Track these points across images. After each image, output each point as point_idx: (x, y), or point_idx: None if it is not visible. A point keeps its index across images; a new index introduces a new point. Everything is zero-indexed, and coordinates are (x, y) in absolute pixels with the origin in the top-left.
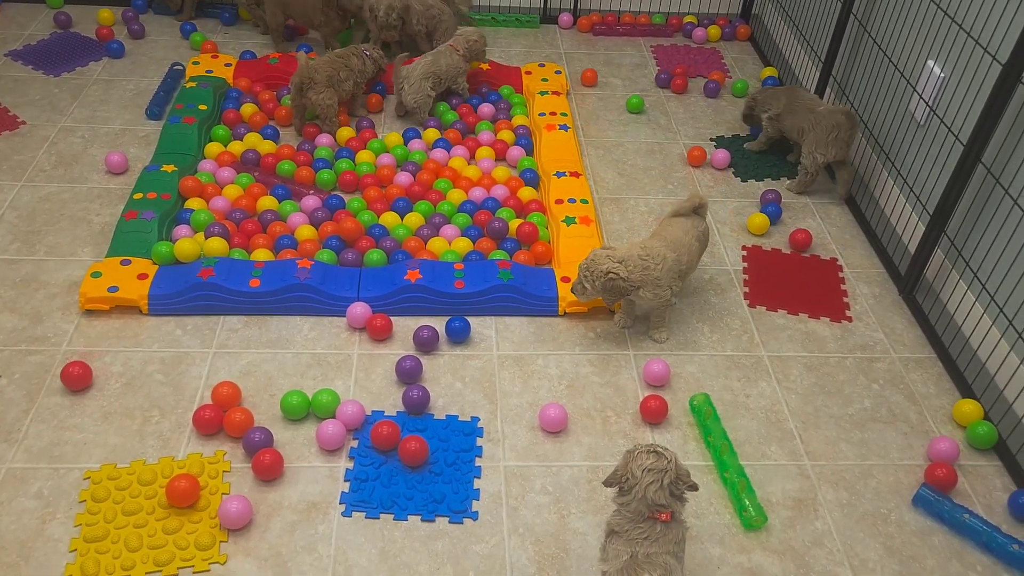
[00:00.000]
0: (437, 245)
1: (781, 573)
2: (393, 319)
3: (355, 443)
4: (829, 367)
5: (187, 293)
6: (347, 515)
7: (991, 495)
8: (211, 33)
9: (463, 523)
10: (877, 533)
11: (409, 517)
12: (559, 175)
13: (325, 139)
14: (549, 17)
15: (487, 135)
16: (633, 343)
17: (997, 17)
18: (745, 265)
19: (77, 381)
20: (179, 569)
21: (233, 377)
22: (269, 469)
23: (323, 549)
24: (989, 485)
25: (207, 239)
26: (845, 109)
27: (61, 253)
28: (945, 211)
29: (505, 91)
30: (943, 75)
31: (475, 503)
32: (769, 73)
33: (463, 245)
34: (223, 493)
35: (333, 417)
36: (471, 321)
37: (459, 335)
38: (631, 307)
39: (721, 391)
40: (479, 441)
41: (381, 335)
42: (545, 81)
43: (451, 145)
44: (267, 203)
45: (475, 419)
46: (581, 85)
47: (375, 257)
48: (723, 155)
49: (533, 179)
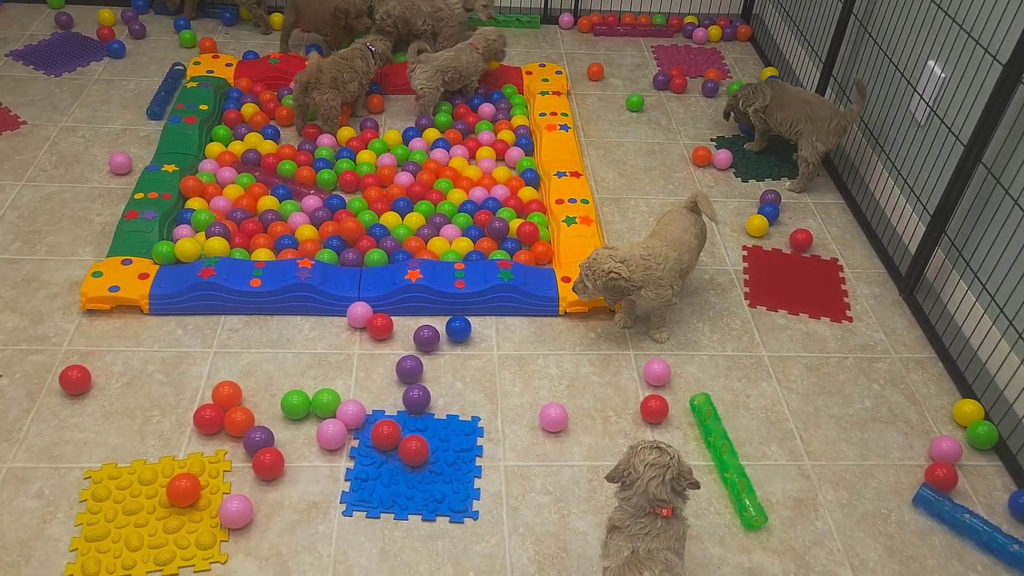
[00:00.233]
0: (438, 245)
1: (781, 573)
2: (394, 319)
3: (356, 443)
4: (829, 367)
5: (188, 293)
6: (348, 515)
7: (991, 495)
8: (212, 33)
9: (463, 523)
10: (877, 533)
11: (410, 517)
12: (560, 175)
13: (326, 139)
14: (550, 17)
15: (487, 135)
16: (633, 343)
17: (998, 17)
18: (746, 265)
19: (75, 385)
20: (180, 568)
21: (234, 377)
22: (270, 469)
23: (324, 549)
24: (989, 485)
25: (208, 239)
26: (842, 123)
27: (62, 253)
28: (945, 211)
29: (508, 90)
30: (944, 75)
31: (475, 503)
32: (770, 73)
33: (464, 245)
34: (224, 492)
35: (334, 417)
36: (472, 321)
37: (460, 335)
38: (631, 307)
39: (721, 391)
40: (479, 441)
41: (382, 335)
42: (546, 81)
43: (451, 145)
44: (268, 203)
45: (475, 419)
46: (587, 80)
47: (376, 257)
48: (725, 155)
49: (534, 179)
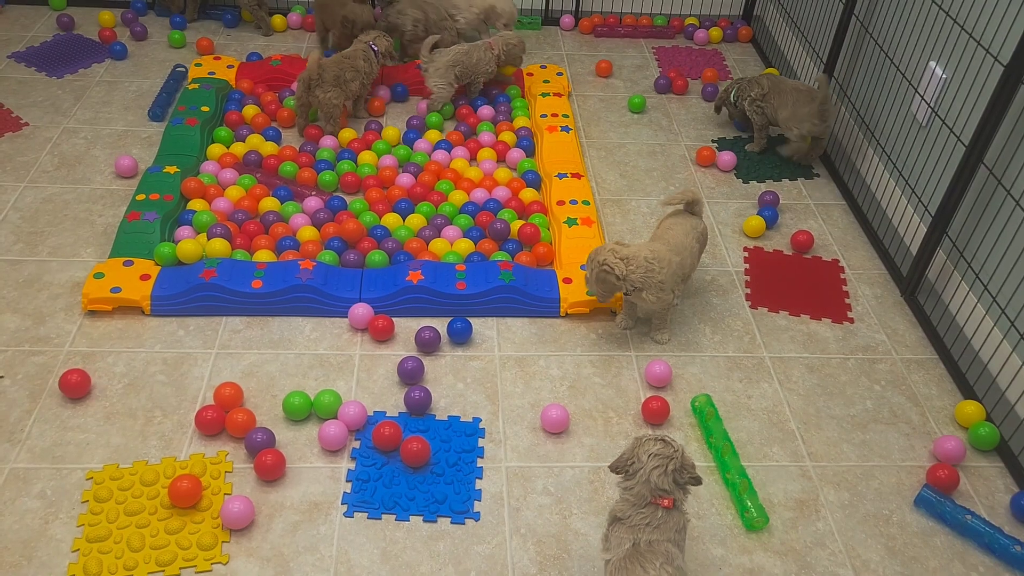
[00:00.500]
0: (439, 246)
1: (783, 574)
2: (395, 320)
3: (357, 444)
4: (831, 368)
5: (189, 294)
6: (349, 516)
7: (993, 496)
8: (214, 35)
9: (465, 524)
10: (879, 534)
11: (411, 518)
12: (561, 176)
13: (327, 140)
14: (551, 19)
15: (489, 137)
16: (635, 344)
17: (999, 18)
18: (747, 266)
19: (75, 389)
20: (181, 569)
21: (235, 378)
22: (271, 469)
23: (325, 549)
24: (991, 486)
25: (209, 240)
26: (817, 128)
27: (64, 254)
28: (947, 212)
29: (513, 91)
30: (945, 76)
31: (477, 504)
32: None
33: (465, 246)
34: (225, 493)
35: (335, 418)
36: (473, 322)
37: (461, 336)
38: (632, 309)
39: (723, 392)
40: (481, 442)
41: (383, 336)
42: (547, 83)
43: (452, 146)
44: (269, 204)
45: (477, 420)
46: (595, 76)
47: (377, 258)
48: (729, 157)
49: (535, 180)
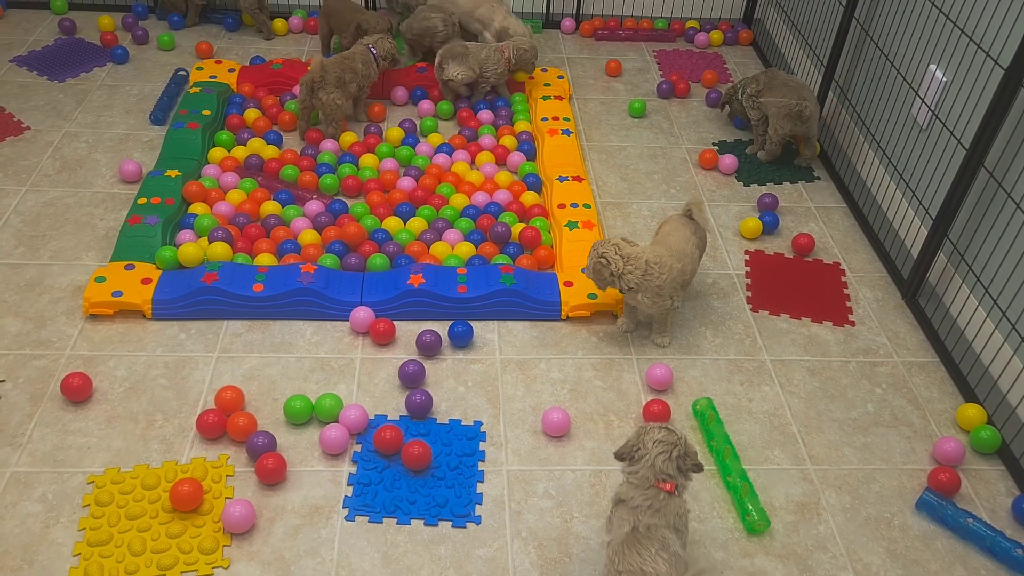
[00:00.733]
0: (440, 249)
1: None
2: (396, 323)
3: (358, 447)
4: (832, 371)
5: (191, 298)
6: (350, 519)
7: (994, 500)
8: (215, 39)
9: (466, 527)
10: (880, 537)
11: (412, 521)
12: (562, 179)
13: (328, 144)
14: (552, 22)
15: (490, 140)
16: (636, 347)
17: (999, 21)
18: (748, 269)
19: (76, 392)
20: (182, 573)
21: (236, 381)
22: (272, 473)
23: (326, 553)
24: (992, 490)
25: (211, 244)
26: (797, 103)
27: (65, 258)
28: (947, 215)
29: (517, 96)
30: (945, 79)
31: (478, 507)
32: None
33: (466, 250)
34: (226, 497)
35: (336, 421)
36: (474, 325)
37: (462, 339)
38: (633, 311)
39: (724, 395)
40: (482, 445)
41: (384, 339)
42: (548, 86)
43: (454, 150)
44: (270, 208)
45: (478, 423)
46: (605, 75)
47: (378, 262)
48: (731, 160)
49: (536, 184)
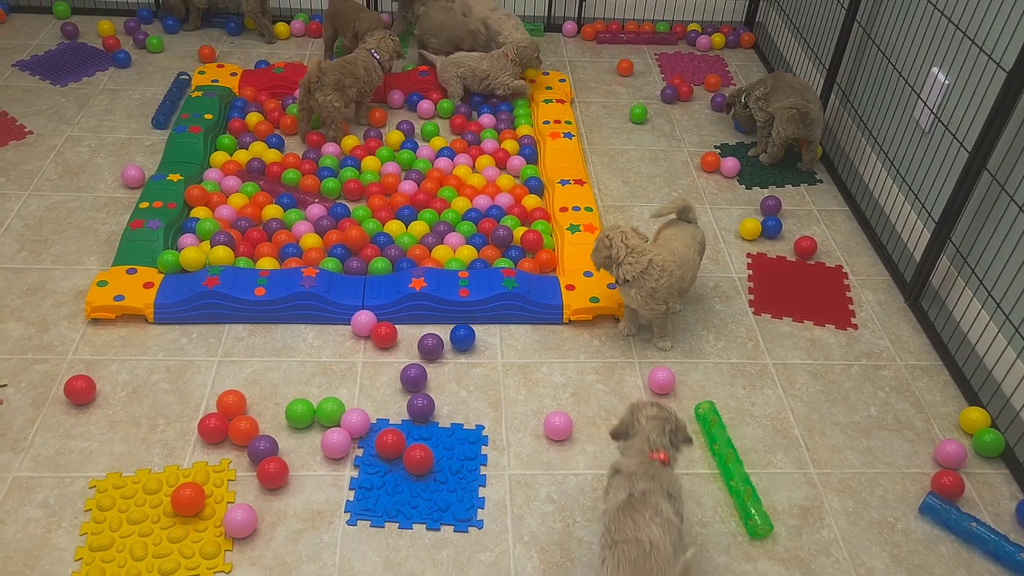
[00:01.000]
0: (441, 253)
1: None
2: (398, 327)
3: (360, 452)
4: (835, 375)
5: (192, 302)
6: (352, 524)
7: (998, 503)
8: (217, 43)
9: (468, 532)
10: (884, 541)
11: (414, 526)
12: (563, 183)
13: (330, 148)
14: (553, 25)
15: (492, 144)
16: (638, 351)
17: (1002, 24)
18: (750, 272)
19: (80, 395)
20: None
21: (238, 385)
22: (274, 478)
23: (328, 558)
24: (996, 493)
25: (212, 248)
26: (803, 109)
27: (67, 262)
28: (950, 218)
29: (519, 100)
30: (948, 82)
31: (480, 512)
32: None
33: (467, 253)
34: (228, 502)
35: (338, 425)
36: (476, 329)
37: (464, 343)
38: (635, 315)
39: (726, 399)
40: (484, 449)
41: (386, 343)
42: (549, 89)
43: (455, 153)
44: (272, 212)
45: (480, 427)
46: (616, 75)
47: (380, 265)
48: (733, 163)
49: (537, 187)
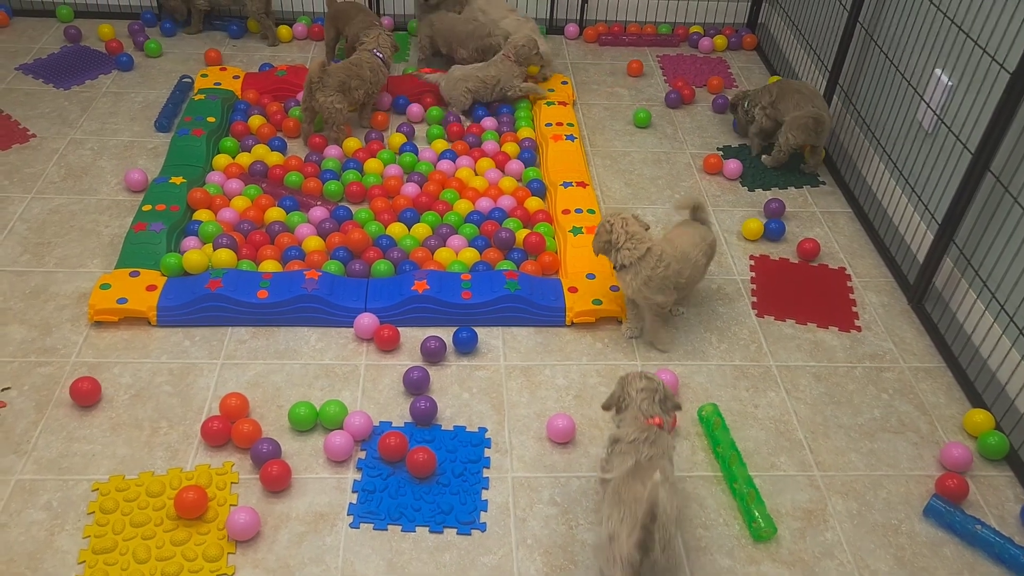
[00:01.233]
0: (444, 255)
1: None
2: (400, 330)
3: (363, 454)
4: (838, 377)
5: (195, 304)
6: (355, 526)
7: (1003, 506)
8: (219, 46)
9: (471, 534)
10: (888, 544)
11: (417, 528)
12: (566, 185)
13: (333, 150)
14: (555, 27)
15: (493, 146)
16: (641, 353)
17: (1004, 26)
18: (753, 275)
19: (85, 396)
20: None
21: (241, 388)
22: (277, 480)
23: (331, 561)
24: (1001, 496)
25: (215, 251)
26: (817, 114)
27: (70, 265)
28: (954, 220)
29: (521, 103)
30: (951, 84)
31: (483, 514)
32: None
33: (470, 255)
34: (231, 504)
35: (341, 428)
36: (478, 331)
37: (466, 346)
38: (638, 317)
39: (729, 401)
40: (487, 452)
41: (388, 346)
42: (551, 91)
43: (457, 156)
44: (275, 214)
45: (483, 430)
46: (625, 76)
47: (382, 268)
48: (736, 165)
49: (540, 189)
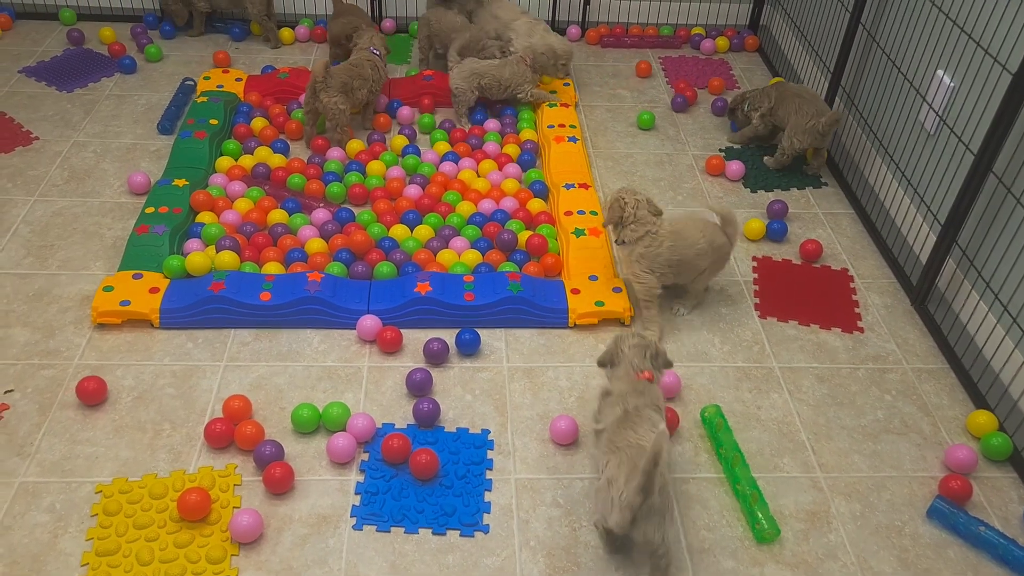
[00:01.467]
0: (447, 257)
1: None
2: (403, 332)
3: (366, 456)
4: (841, 378)
5: (198, 306)
6: (358, 528)
7: (1007, 507)
8: (221, 48)
9: (474, 536)
10: (891, 546)
11: (420, 530)
12: (568, 187)
13: (335, 152)
14: (558, 29)
15: (495, 147)
16: None
17: (1007, 26)
18: (756, 276)
19: (92, 395)
20: None
21: (244, 390)
22: (280, 482)
23: (334, 563)
24: (1005, 497)
25: (218, 253)
26: (834, 114)
27: (74, 267)
28: (956, 221)
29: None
30: (953, 85)
31: (486, 516)
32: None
33: (472, 257)
34: (234, 506)
35: (343, 430)
36: (481, 333)
37: (469, 347)
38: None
39: (732, 403)
40: (489, 454)
41: (391, 348)
42: (553, 93)
43: (459, 158)
44: (278, 216)
45: (485, 431)
46: (634, 77)
47: (385, 270)
48: (738, 167)
49: (542, 191)
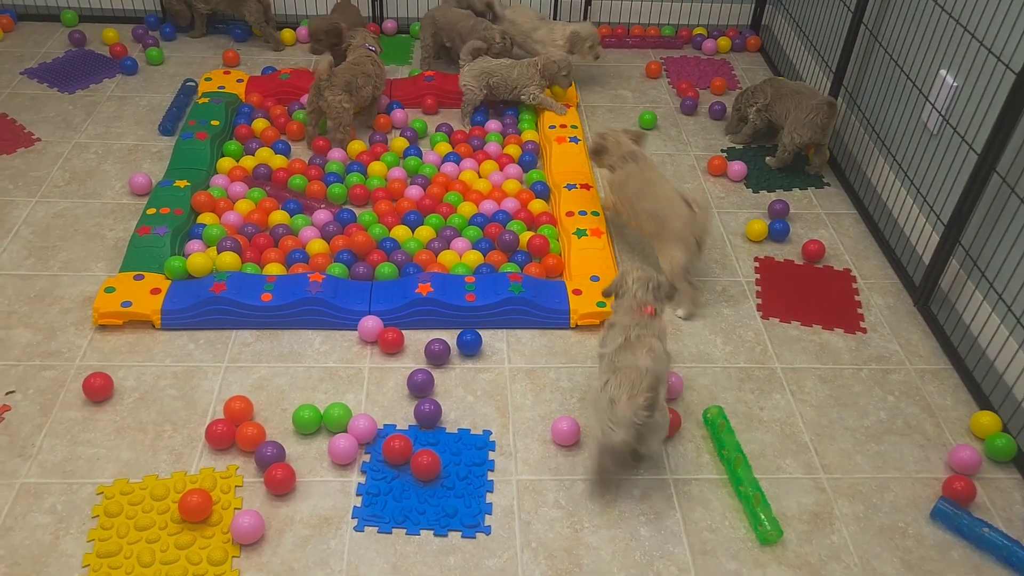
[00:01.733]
0: (448, 258)
1: None
2: (404, 332)
3: (367, 457)
4: (844, 379)
5: (199, 308)
6: (359, 530)
7: (1011, 509)
8: (222, 49)
9: (475, 537)
10: (895, 547)
11: (421, 532)
12: (570, 187)
13: (336, 153)
14: None
15: (496, 148)
16: None
17: (1010, 26)
18: (758, 276)
19: (98, 392)
20: None
21: (245, 391)
22: (281, 483)
23: (335, 564)
24: (1008, 498)
25: (219, 254)
26: (828, 99)
27: (75, 268)
28: (959, 221)
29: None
30: (956, 84)
31: (487, 517)
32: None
33: (474, 258)
34: (235, 508)
35: (345, 431)
36: (482, 334)
37: (470, 348)
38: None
39: (735, 403)
40: (491, 455)
41: (392, 349)
42: (555, 94)
43: (461, 158)
44: (279, 217)
45: (487, 432)
46: (646, 77)
47: (386, 271)
48: (740, 167)
49: (544, 191)
